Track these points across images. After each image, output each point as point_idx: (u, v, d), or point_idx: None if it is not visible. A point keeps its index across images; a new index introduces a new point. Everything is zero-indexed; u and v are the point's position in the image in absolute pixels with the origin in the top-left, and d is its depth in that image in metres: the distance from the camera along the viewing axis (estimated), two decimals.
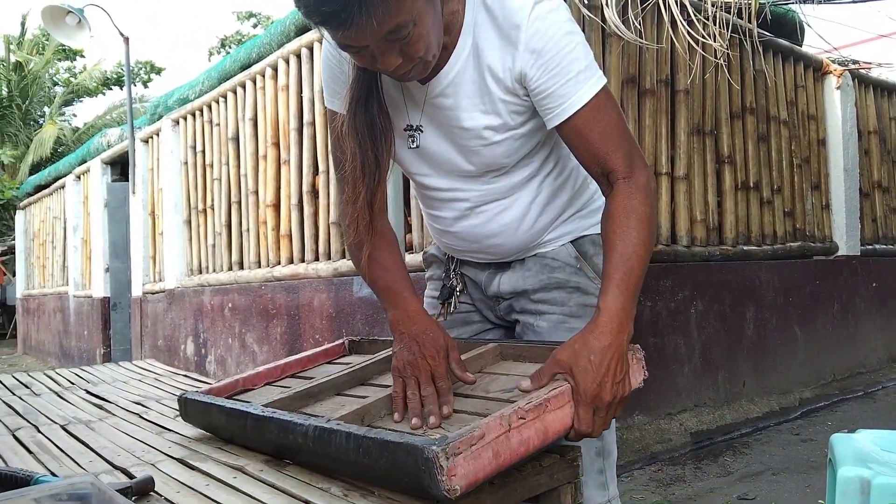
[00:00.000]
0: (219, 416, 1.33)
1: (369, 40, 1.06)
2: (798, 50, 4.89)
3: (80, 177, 8.38)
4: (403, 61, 1.11)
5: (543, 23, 1.16)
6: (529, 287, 1.43)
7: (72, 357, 8.71)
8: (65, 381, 2.59)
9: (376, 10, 1.00)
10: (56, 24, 6.38)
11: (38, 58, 18.05)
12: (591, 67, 1.19)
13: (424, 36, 1.09)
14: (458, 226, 1.40)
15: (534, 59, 1.17)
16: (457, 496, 0.89)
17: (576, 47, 1.17)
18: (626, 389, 1.11)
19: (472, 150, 1.29)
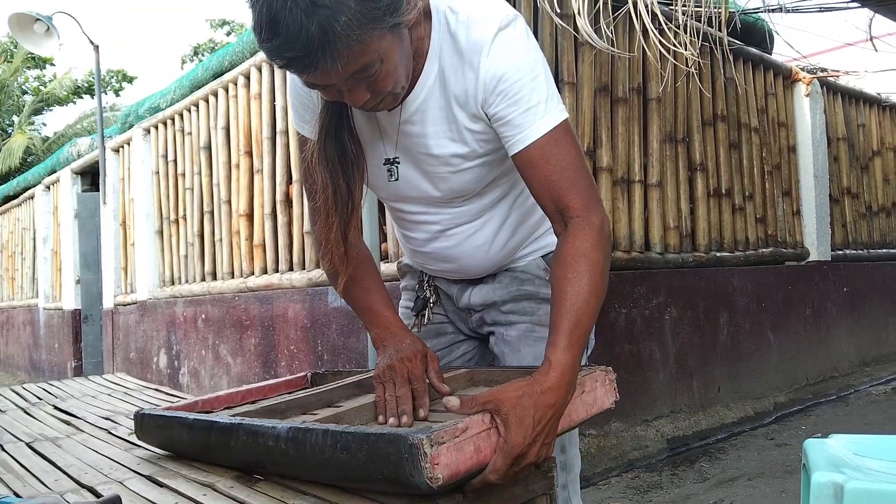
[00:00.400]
0: (180, 431, 1.28)
1: (335, 80, 1.04)
2: (768, 58, 4.96)
3: (50, 187, 8.26)
4: (372, 96, 1.10)
5: (505, 50, 1.14)
6: (499, 299, 1.42)
7: (42, 371, 8.55)
8: (32, 396, 2.54)
9: (340, 54, 0.98)
10: (24, 32, 6.28)
11: (6, 66, 17.77)
12: (552, 99, 1.16)
13: (392, 72, 1.07)
14: (429, 247, 1.39)
15: (494, 85, 1.15)
16: (438, 485, 0.88)
17: (537, 77, 1.15)
18: (550, 451, 1.06)
19: (440, 176, 1.27)
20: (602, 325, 3.59)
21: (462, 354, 1.54)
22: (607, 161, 3.69)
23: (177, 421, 1.29)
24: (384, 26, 1.01)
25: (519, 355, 1.40)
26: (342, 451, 0.96)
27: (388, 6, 1.00)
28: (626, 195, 3.81)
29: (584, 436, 3.41)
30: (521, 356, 1.40)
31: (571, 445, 1.41)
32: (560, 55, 3.50)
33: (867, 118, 6.14)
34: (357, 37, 0.97)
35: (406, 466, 0.89)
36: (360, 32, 0.97)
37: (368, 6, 0.97)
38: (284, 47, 0.97)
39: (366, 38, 0.99)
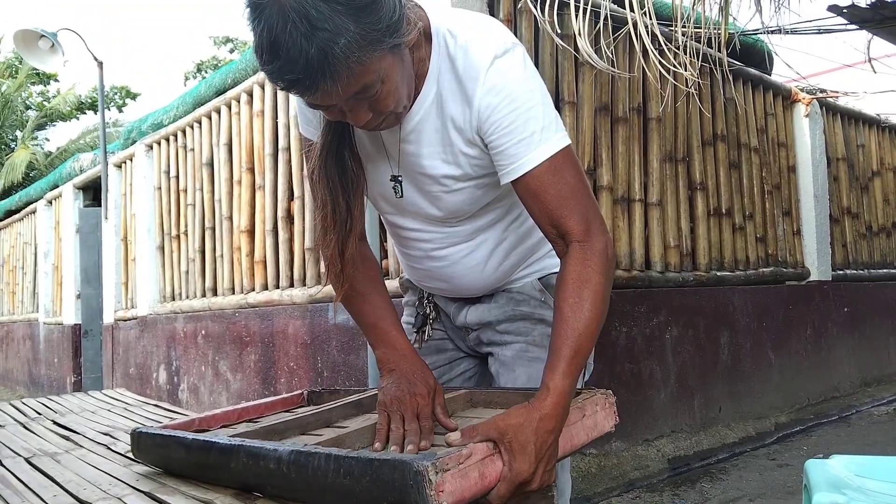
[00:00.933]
0: (177, 450, 1.27)
1: (336, 101, 1.05)
2: (767, 79, 4.99)
3: (52, 202, 8.28)
4: (374, 115, 1.10)
5: (502, 78, 1.13)
6: (494, 319, 1.42)
7: (41, 385, 8.52)
8: (31, 411, 2.53)
9: (340, 76, 0.99)
10: (29, 49, 6.33)
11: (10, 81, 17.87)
12: (549, 129, 1.15)
13: (393, 92, 1.07)
14: (425, 264, 1.40)
15: (488, 114, 1.14)
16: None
17: (533, 107, 1.14)
18: (552, 477, 1.07)
19: (434, 195, 1.27)
20: (603, 344, 3.58)
21: (462, 372, 1.54)
22: (608, 180, 3.71)
23: (174, 440, 1.28)
24: (384, 47, 1.01)
25: (513, 375, 1.40)
26: (345, 476, 0.96)
27: (387, 27, 1.00)
28: (627, 214, 3.82)
29: (584, 455, 3.39)
30: (515, 376, 1.40)
31: (563, 470, 1.41)
32: (560, 75, 3.53)
33: (867, 139, 6.17)
34: (357, 58, 0.98)
35: (411, 493, 0.88)
36: (360, 54, 0.98)
37: (368, 28, 0.98)
38: (285, 70, 0.97)
39: (365, 59, 0.99)
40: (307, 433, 1.31)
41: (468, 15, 1.22)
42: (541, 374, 1.35)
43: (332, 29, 0.95)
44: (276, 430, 1.29)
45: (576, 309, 1.11)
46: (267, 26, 0.96)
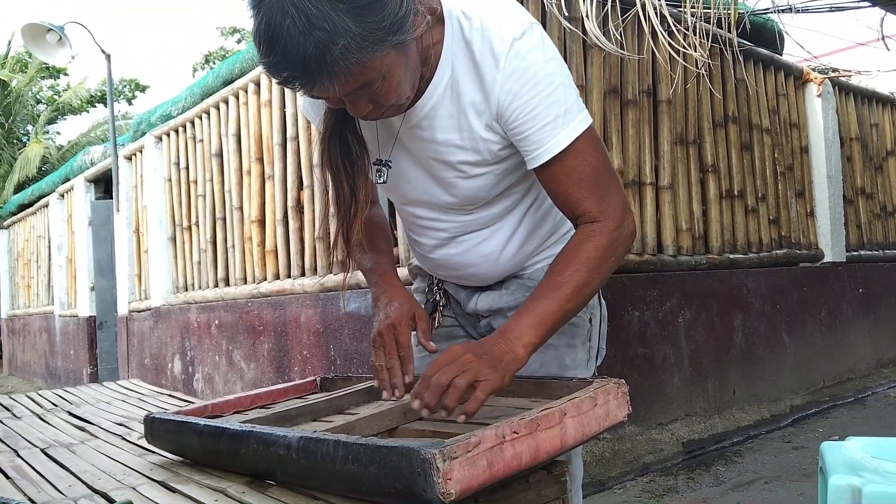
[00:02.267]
0: (190, 436, 1.28)
1: (336, 95, 1.04)
2: (778, 59, 4.93)
3: (64, 195, 8.33)
4: (374, 108, 1.08)
5: (522, 62, 1.10)
6: (505, 305, 1.40)
7: (58, 377, 8.61)
8: (47, 403, 2.55)
9: (338, 76, 0.97)
10: (37, 42, 6.35)
11: (21, 76, 17.95)
12: (571, 112, 1.13)
13: (396, 87, 1.05)
14: (437, 253, 1.38)
15: (509, 101, 1.12)
16: (451, 500, 0.88)
17: (555, 90, 1.11)
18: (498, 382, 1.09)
19: (449, 182, 1.25)
20: (615, 329, 3.57)
21: None
22: (618, 163, 3.68)
23: (187, 426, 1.28)
24: (386, 46, 0.99)
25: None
26: (353, 462, 0.96)
27: (391, 26, 0.98)
28: (638, 197, 3.80)
29: (598, 440, 3.39)
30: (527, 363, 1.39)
31: (574, 456, 1.39)
32: (569, 58, 3.50)
33: (880, 118, 6.09)
34: (356, 59, 0.96)
35: (419, 481, 0.88)
36: (360, 55, 0.96)
37: (370, 28, 0.95)
38: (281, 66, 0.96)
39: (366, 59, 0.97)
40: (319, 419, 1.32)
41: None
42: (553, 361, 1.35)
43: (330, 29, 0.92)
44: (288, 416, 1.30)
45: (559, 272, 1.14)
46: (266, 19, 0.94)
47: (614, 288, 3.59)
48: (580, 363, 1.38)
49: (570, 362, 1.36)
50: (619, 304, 3.62)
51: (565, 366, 1.36)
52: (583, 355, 1.38)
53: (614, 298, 3.59)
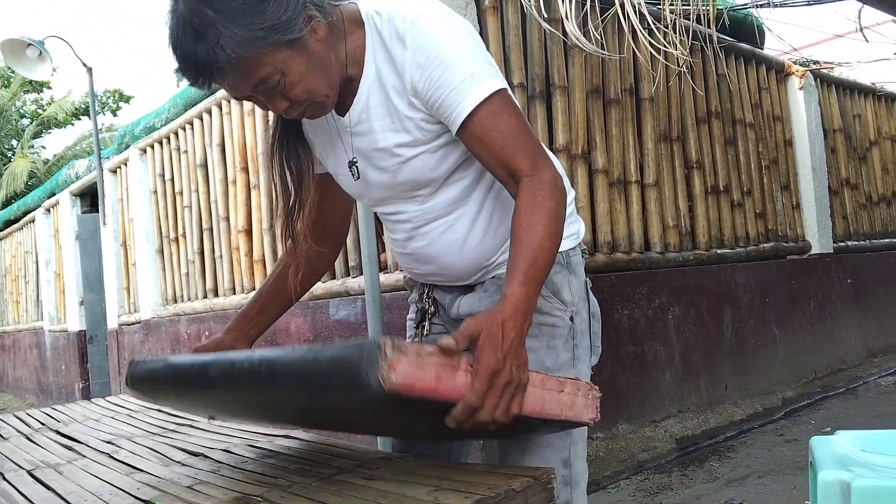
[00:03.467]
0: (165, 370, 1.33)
1: (244, 93, 1.17)
2: (759, 53, 4.95)
3: (50, 210, 8.28)
4: (291, 105, 1.20)
5: (423, 37, 1.18)
6: (485, 307, 1.38)
7: (50, 393, 8.55)
8: (35, 422, 2.53)
9: (229, 72, 1.12)
10: (17, 58, 6.31)
11: (4, 91, 17.85)
12: (479, 74, 1.18)
13: (300, 81, 1.17)
14: (409, 248, 1.42)
15: (419, 73, 1.19)
16: (390, 388, 0.89)
17: (457, 57, 1.18)
18: (524, 377, 1.07)
19: (393, 169, 1.31)
20: (605, 327, 3.54)
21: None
22: (602, 163, 3.69)
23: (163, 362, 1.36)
24: (270, 43, 1.11)
25: None
26: (314, 361, 0.99)
27: (273, 27, 1.11)
28: (624, 196, 3.81)
29: (591, 439, 3.39)
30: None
31: (577, 460, 1.39)
32: (550, 60, 3.50)
33: (863, 108, 6.13)
34: (241, 55, 1.10)
35: (363, 365, 0.90)
36: (243, 52, 1.10)
37: (249, 28, 1.09)
38: (182, 69, 1.14)
39: (252, 55, 1.11)
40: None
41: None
42: (533, 364, 1.34)
43: (213, 34, 1.08)
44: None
45: (528, 230, 1.15)
46: (170, 32, 1.13)
47: (603, 287, 3.60)
48: (563, 364, 1.37)
49: (552, 364, 1.36)
50: (608, 302, 3.62)
51: (546, 368, 1.35)
52: (565, 355, 1.38)
53: (603, 297, 3.58)
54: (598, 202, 3.67)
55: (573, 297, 1.40)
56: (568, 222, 1.42)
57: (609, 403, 3.54)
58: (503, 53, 3.31)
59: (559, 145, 3.52)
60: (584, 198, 3.59)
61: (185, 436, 1.87)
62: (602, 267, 3.60)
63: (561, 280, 1.39)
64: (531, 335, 1.35)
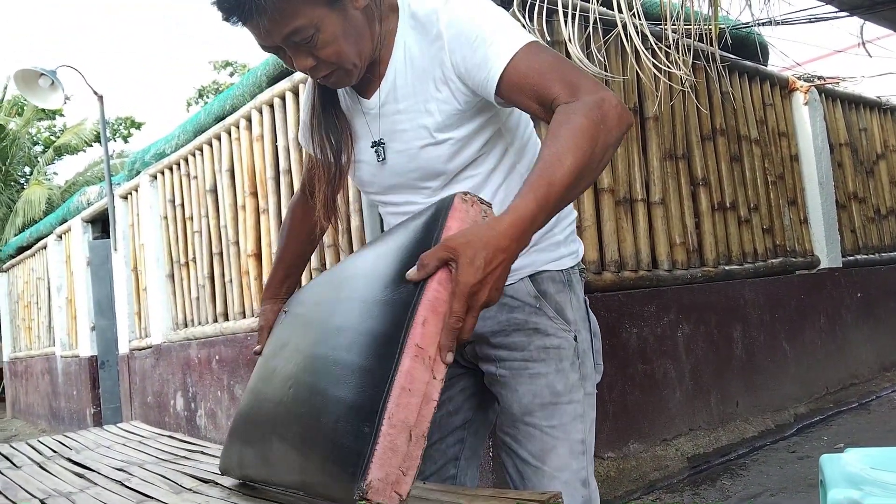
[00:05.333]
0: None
1: (274, 41, 1.18)
2: (763, 69, 4.97)
3: (62, 236, 8.35)
4: (318, 64, 1.22)
5: (454, 11, 1.22)
6: (488, 331, 1.38)
7: (62, 419, 8.58)
8: (47, 450, 2.55)
9: (267, 12, 1.13)
10: (29, 87, 6.41)
11: (17, 119, 18.07)
12: (515, 32, 1.19)
13: (332, 42, 1.19)
14: None
15: (456, 44, 1.21)
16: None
17: (487, 20, 1.20)
18: (496, 298, 1.01)
19: (411, 153, 1.32)
20: (614, 346, 3.57)
21: (462, 390, 1.49)
22: (608, 182, 3.70)
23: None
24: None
25: (517, 395, 1.35)
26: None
27: None
28: (630, 214, 3.82)
29: (602, 459, 3.38)
30: (518, 396, 1.35)
31: (592, 477, 1.38)
32: None
33: (868, 122, 6.13)
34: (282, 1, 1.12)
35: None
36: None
37: None
38: (221, 3, 1.14)
39: (292, 2, 1.13)
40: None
41: None
42: (545, 391, 1.34)
43: None
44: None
45: (550, 145, 1.05)
46: None
47: (611, 305, 3.60)
48: (573, 385, 1.36)
49: (563, 387, 1.35)
50: (616, 321, 3.62)
51: (557, 392, 1.35)
52: (574, 377, 1.37)
53: (612, 316, 3.60)
54: (604, 221, 3.68)
55: (575, 315, 1.40)
56: (568, 241, 1.43)
57: (619, 422, 3.53)
58: None
59: None
60: (590, 217, 3.61)
61: (197, 462, 1.89)
62: (609, 285, 3.61)
63: (563, 299, 1.39)
64: (538, 360, 1.36)
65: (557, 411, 1.34)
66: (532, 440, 1.33)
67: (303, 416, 1.09)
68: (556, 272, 1.39)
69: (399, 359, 0.97)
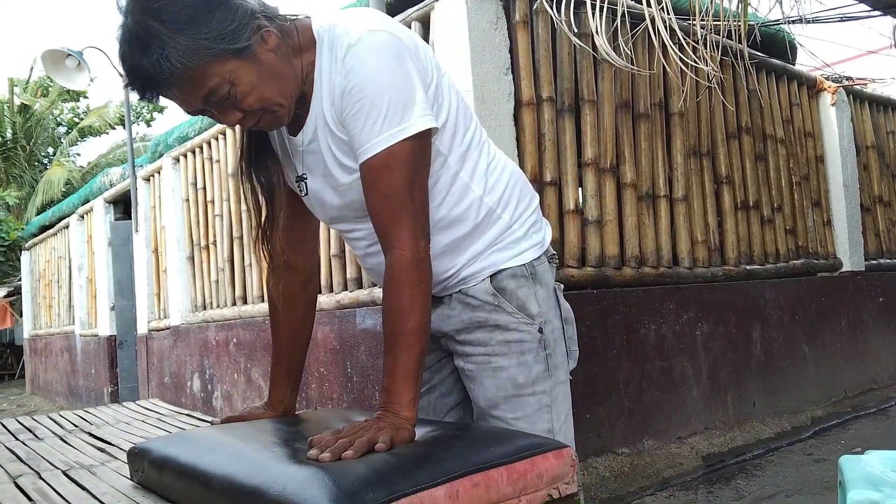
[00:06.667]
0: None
1: (195, 106, 1.18)
2: (791, 68, 4.92)
3: (84, 216, 8.44)
4: (245, 116, 1.20)
5: (359, 60, 1.18)
6: (452, 329, 1.43)
7: (80, 396, 8.69)
8: (68, 424, 2.59)
9: (179, 83, 1.13)
10: (56, 68, 6.47)
11: (42, 99, 18.26)
12: (391, 120, 1.17)
13: (252, 91, 1.17)
14: (369, 262, 1.45)
15: (340, 95, 1.21)
16: None
17: (382, 95, 1.17)
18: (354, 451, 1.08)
19: (341, 190, 1.32)
20: (632, 342, 3.56)
21: (451, 372, 1.54)
22: (631, 177, 3.68)
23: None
24: (217, 53, 1.12)
25: (483, 388, 1.41)
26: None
27: (218, 36, 1.12)
28: (652, 210, 3.80)
29: (616, 455, 3.38)
30: (484, 389, 1.41)
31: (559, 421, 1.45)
32: (579, 74, 3.52)
33: None
34: (188, 66, 1.11)
35: None
36: (189, 61, 1.11)
37: (195, 39, 1.11)
38: (133, 82, 1.15)
39: (198, 65, 1.12)
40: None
41: (353, 10, 1.28)
42: (506, 383, 1.39)
43: (160, 46, 1.09)
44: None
45: (389, 325, 1.21)
46: (118, 46, 1.14)
47: (630, 301, 3.59)
48: (537, 377, 1.40)
49: (525, 380, 1.39)
50: (635, 317, 3.61)
51: (520, 384, 1.39)
52: (538, 368, 1.40)
53: (630, 312, 3.59)
54: (626, 216, 3.66)
55: (541, 307, 1.41)
56: (529, 234, 1.44)
57: (635, 418, 3.52)
58: (533, 67, 3.33)
59: (588, 159, 3.53)
60: (611, 212, 3.59)
61: None
62: (629, 281, 3.60)
63: (525, 293, 1.40)
64: (500, 354, 1.39)
65: (521, 403, 1.38)
66: None
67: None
68: (518, 267, 1.41)
69: None
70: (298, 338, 1.58)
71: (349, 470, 0.99)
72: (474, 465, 1.02)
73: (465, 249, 1.39)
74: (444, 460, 1.04)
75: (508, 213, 1.40)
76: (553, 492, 1.09)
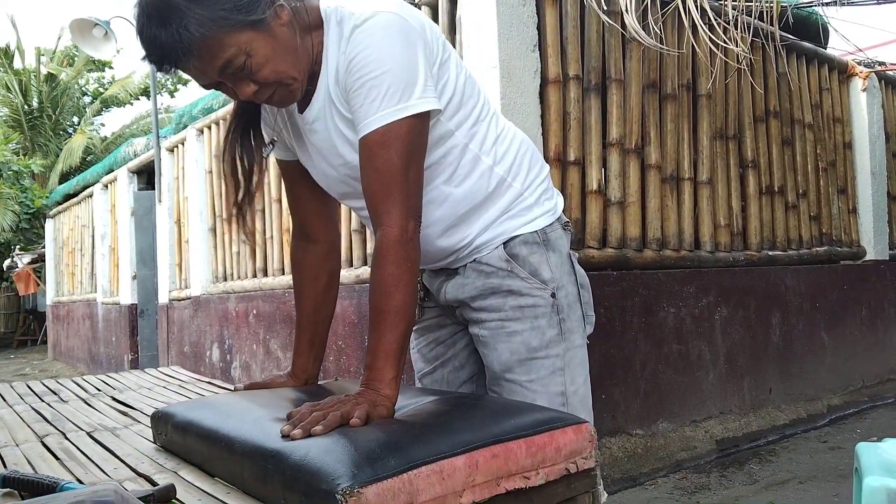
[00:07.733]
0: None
1: (211, 77, 1.19)
2: (822, 52, 4.83)
3: (108, 186, 8.52)
4: (260, 88, 1.22)
5: (365, 37, 1.20)
6: (468, 296, 1.45)
7: (100, 363, 8.83)
8: (92, 387, 2.63)
9: (196, 54, 1.15)
10: (83, 37, 6.50)
11: (68, 69, 18.37)
12: (391, 97, 1.19)
13: (267, 63, 1.19)
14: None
15: (345, 69, 1.23)
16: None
17: (384, 73, 1.19)
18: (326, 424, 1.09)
19: (350, 166, 1.33)
20: (650, 324, 3.56)
21: (465, 346, 1.57)
22: (656, 158, 3.65)
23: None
24: (234, 23, 1.14)
25: (497, 353, 1.43)
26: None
27: (235, 7, 1.14)
28: (676, 193, 3.77)
29: (630, 436, 3.38)
30: (498, 353, 1.43)
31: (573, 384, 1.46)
32: (607, 52, 3.48)
33: None
34: (206, 36, 1.13)
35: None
36: (207, 31, 1.13)
37: (213, 9, 1.13)
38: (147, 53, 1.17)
39: (216, 36, 1.14)
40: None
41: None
42: (520, 347, 1.41)
43: (178, 17, 1.11)
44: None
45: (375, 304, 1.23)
46: (136, 22, 1.16)
47: (650, 283, 3.57)
48: (551, 340, 1.41)
49: (538, 343, 1.41)
50: (654, 299, 3.60)
51: (533, 348, 1.41)
52: (551, 332, 1.42)
53: (650, 294, 3.58)
54: (649, 198, 3.64)
55: (553, 273, 1.43)
56: (541, 201, 1.46)
57: (650, 400, 3.52)
58: (560, 45, 3.30)
59: (612, 139, 3.50)
60: (635, 193, 3.57)
61: None
62: (650, 263, 3.58)
63: (538, 259, 1.42)
64: (514, 318, 1.40)
65: (535, 366, 1.40)
66: (514, 395, 1.41)
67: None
68: (530, 234, 1.42)
69: None
70: (321, 309, 1.60)
71: (371, 437, 1.01)
72: (494, 437, 1.03)
73: (478, 219, 1.41)
74: (464, 431, 1.05)
75: (519, 182, 1.42)
76: (571, 466, 1.10)
